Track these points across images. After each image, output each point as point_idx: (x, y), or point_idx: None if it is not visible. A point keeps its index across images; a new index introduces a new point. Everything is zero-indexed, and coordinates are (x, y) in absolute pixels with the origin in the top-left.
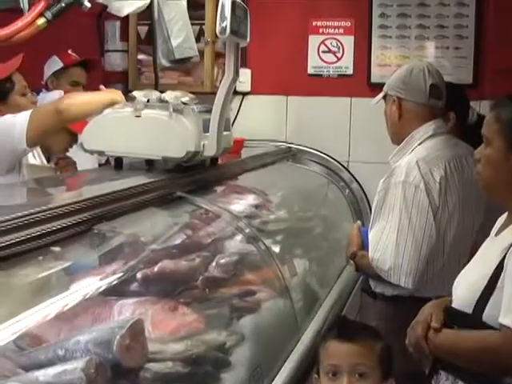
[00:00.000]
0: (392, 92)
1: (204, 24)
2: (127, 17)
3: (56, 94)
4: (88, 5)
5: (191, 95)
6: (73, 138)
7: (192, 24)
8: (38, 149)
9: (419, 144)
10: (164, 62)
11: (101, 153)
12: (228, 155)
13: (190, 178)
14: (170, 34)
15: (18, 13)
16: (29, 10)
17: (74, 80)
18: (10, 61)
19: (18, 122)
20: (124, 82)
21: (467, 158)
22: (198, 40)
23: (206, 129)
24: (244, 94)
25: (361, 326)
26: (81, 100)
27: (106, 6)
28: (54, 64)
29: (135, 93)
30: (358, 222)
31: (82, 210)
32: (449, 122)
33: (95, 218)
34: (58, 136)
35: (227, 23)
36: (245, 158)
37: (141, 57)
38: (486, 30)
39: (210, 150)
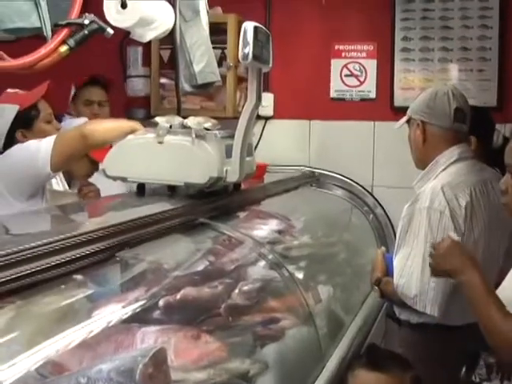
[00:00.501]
0: (416, 116)
1: (226, 48)
2: (149, 42)
3: (80, 121)
4: (111, 32)
5: (214, 121)
6: (94, 166)
7: (214, 48)
8: (61, 174)
9: (444, 169)
10: (186, 87)
11: (123, 179)
12: (251, 180)
13: (213, 203)
14: (193, 59)
15: (41, 40)
16: (52, 38)
17: (86, 99)
18: (36, 88)
19: (43, 146)
20: (146, 107)
21: (493, 183)
22: (220, 64)
23: (228, 154)
24: (267, 119)
25: (390, 355)
26: (103, 126)
27: (128, 32)
28: (69, 91)
29: (158, 119)
30: (383, 248)
31: (105, 237)
32: (470, 145)
33: (118, 245)
34: (79, 162)
35: (250, 49)
36: (267, 183)
37: (163, 81)
38: (510, 51)
39: (232, 176)
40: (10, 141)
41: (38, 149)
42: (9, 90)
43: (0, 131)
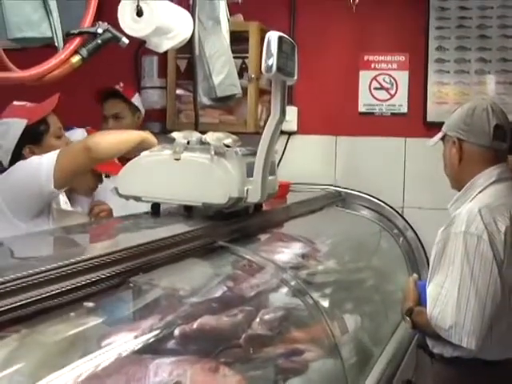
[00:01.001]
0: (452, 133)
1: (247, 57)
2: (166, 51)
3: (78, 132)
4: (126, 41)
5: (234, 137)
6: (97, 178)
7: (234, 58)
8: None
9: (481, 191)
10: (205, 100)
11: (137, 198)
12: (273, 200)
13: (232, 225)
14: (212, 70)
15: (51, 49)
16: (63, 47)
17: (102, 116)
18: (45, 102)
19: (45, 162)
20: (162, 120)
21: None
22: (240, 76)
23: (249, 173)
24: (290, 134)
25: None
26: (109, 138)
27: (143, 41)
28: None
29: (174, 134)
30: (415, 275)
31: (117, 262)
32: (509, 165)
33: (131, 270)
34: (81, 176)
35: (274, 61)
36: (291, 204)
37: (180, 92)
38: None
39: (253, 196)
40: (17, 157)
41: (40, 165)
42: (16, 103)
43: (6, 147)
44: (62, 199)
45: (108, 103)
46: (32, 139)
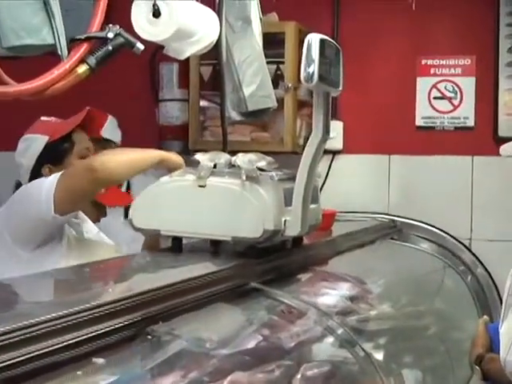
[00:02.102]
0: None
1: (283, 63)
2: (187, 58)
3: None
4: (141, 47)
5: (269, 159)
6: (100, 210)
7: (268, 63)
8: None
9: None
10: (234, 115)
11: (155, 232)
12: (315, 233)
13: (267, 264)
14: (242, 79)
15: (56, 58)
16: (68, 56)
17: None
18: (73, 116)
19: (46, 185)
20: (183, 139)
21: None
22: (275, 85)
23: (288, 201)
24: (335, 153)
25: None
26: (120, 157)
27: (160, 46)
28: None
29: (198, 156)
30: (485, 318)
31: (131, 309)
32: None
33: (148, 319)
34: (81, 205)
35: (315, 68)
36: (336, 237)
37: (204, 104)
38: None
39: (293, 229)
40: (36, 177)
41: (41, 188)
42: (43, 118)
43: (26, 165)
44: (89, 227)
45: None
46: (52, 158)
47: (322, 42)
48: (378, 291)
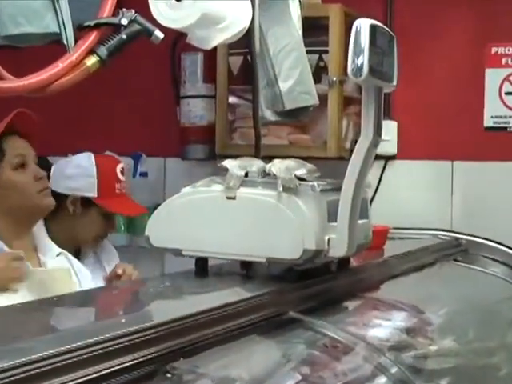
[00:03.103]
0: None
1: (326, 51)
2: (214, 47)
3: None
4: (160, 35)
5: (310, 166)
6: (109, 223)
7: (308, 53)
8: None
9: None
10: (268, 115)
11: (176, 251)
12: (365, 253)
13: (308, 289)
14: (278, 72)
15: (61, 48)
16: (74, 46)
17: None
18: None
19: None
20: (209, 142)
21: None
22: (317, 79)
23: (332, 216)
24: (387, 159)
25: None
26: None
27: (183, 35)
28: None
29: (227, 162)
30: None
31: (149, 343)
32: None
33: (168, 354)
34: (86, 219)
35: (364, 59)
36: (389, 257)
37: (233, 100)
38: None
39: (338, 248)
40: None
41: None
42: None
43: None
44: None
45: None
46: None
47: (373, 28)
48: (439, 322)
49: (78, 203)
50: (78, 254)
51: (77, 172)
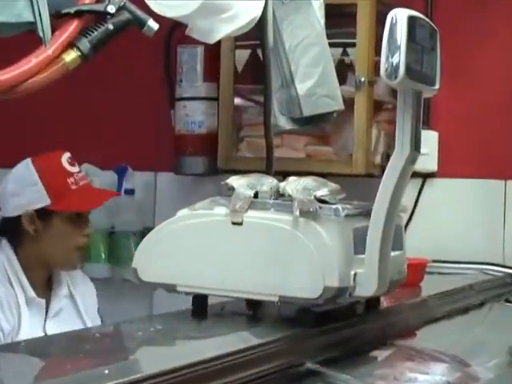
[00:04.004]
0: None
1: (352, 44)
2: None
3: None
4: (154, 26)
5: (333, 185)
6: (80, 226)
7: (331, 46)
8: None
9: None
10: (283, 122)
11: (169, 287)
12: (398, 292)
13: (329, 335)
14: (295, 71)
15: (35, 40)
16: (51, 38)
17: None
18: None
19: None
20: (210, 154)
21: None
22: (341, 79)
23: (359, 247)
24: (426, 177)
25: None
26: None
27: (179, 24)
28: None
29: (232, 180)
30: None
31: None
32: None
33: None
34: (50, 233)
35: (400, 57)
36: (428, 297)
37: (240, 103)
38: None
39: (366, 286)
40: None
41: None
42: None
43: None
44: None
45: None
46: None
47: (412, 20)
48: (488, 378)
49: (35, 219)
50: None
51: (19, 186)
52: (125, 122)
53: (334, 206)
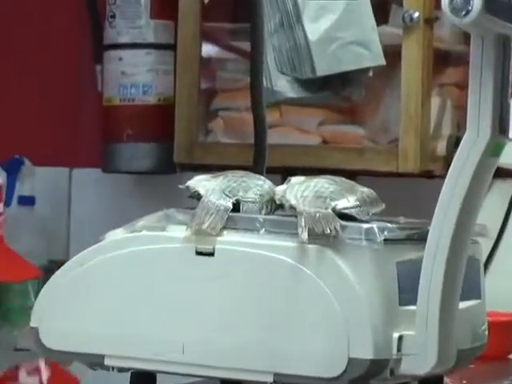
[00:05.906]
0: None
1: None
2: None
3: None
4: None
5: (364, 191)
6: None
7: None
8: None
9: None
10: (283, 86)
11: (91, 360)
12: (474, 368)
13: None
14: (303, 3)
15: None
16: None
17: None
18: None
19: None
20: (160, 139)
21: None
22: (380, 16)
23: (406, 293)
24: None
25: None
26: None
27: None
28: None
29: (199, 182)
30: None
31: None
32: None
33: None
34: None
35: None
36: None
37: (210, 53)
38: None
39: (418, 359)
40: None
41: None
42: None
43: None
44: None
45: None
46: None
47: None
48: None
49: None
50: None
51: None
52: (19, 88)
53: (365, 226)
